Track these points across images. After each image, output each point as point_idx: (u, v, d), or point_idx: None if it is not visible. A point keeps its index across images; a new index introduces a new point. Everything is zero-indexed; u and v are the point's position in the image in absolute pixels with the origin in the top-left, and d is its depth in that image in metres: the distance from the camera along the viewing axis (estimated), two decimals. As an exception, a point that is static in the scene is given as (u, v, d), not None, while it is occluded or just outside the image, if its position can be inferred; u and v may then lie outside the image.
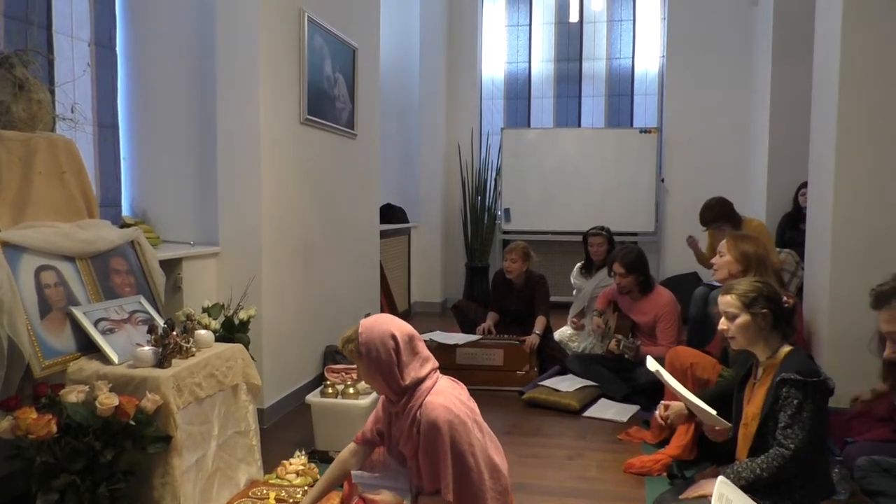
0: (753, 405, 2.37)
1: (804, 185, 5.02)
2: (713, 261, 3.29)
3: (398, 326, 2.18)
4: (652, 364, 2.70)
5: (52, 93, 2.82)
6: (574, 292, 5.17)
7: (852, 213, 3.53)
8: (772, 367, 2.34)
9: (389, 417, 2.26)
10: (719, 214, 4.57)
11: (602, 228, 5.04)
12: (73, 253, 2.51)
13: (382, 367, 2.12)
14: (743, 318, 2.34)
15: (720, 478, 2.16)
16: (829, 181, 3.59)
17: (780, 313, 2.35)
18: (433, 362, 2.22)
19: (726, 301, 2.39)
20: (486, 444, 2.16)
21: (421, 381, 2.15)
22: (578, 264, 5.21)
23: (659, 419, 2.89)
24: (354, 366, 3.50)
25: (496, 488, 2.13)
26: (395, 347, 2.13)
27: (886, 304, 1.87)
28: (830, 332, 3.56)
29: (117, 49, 3.53)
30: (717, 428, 2.52)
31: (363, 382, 3.30)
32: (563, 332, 4.96)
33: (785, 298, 2.44)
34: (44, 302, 2.33)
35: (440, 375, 2.22)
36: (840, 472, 2.64)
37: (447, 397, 2.11)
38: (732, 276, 3.03)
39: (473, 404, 2.22)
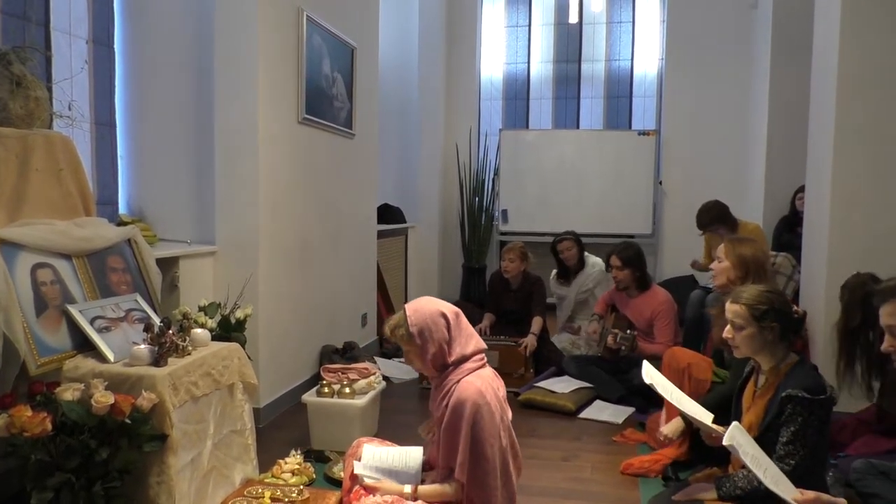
0: (753, 414, 2.34)
1: (801, 188, 5.03)
2: (711, 266, 3.26)
3: (444, 305, 2.24)
4: (647, 376, 2.69)
5: (50, 90, 2.81)
6: (556, 301, 5.16)
7: (849, 217, 3.54)
8: (775, 377, 2.30)
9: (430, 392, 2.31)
10: (715, 218, 4.58)
11: (568, 232, 5.05)
12: (69, 251, 2.50)
13: (435, 345, 2.17)
14: (750, 329, 2.27)
15: (734, 423, 2.14)
16: (826, 184, 3.60)
17: (788, 325, 2.28)
18: (477, 339, 2.25)
19: (734, 311, 2.31)
20: (507, 447, 2.17)
21: (465, 358, 2.18)
22: (554, 272, 5.19)
23: (659, 438, 2.89)
24: (350, 366, 3.52)
25: (504, 493, 2.15)
26: (446, 325, 2.18)
27: (892, 299, 1.87)
28: (826, 335, 3.56)
29: (115, 47, 3.52)
30: (713, 435, 2.52)
31: (360, 382, 3.31)
32: (561, 340, 4.94)
33: (795, 308, 2.39)
34: (40, 299, 2.33)
35: (487, 365, 2.25)
36: (834, 475, 2.65)
37: (485, 384, 2.15)
38: (732, 283, 2.96)
39: (507, 407, 2.24)
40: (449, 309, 2.23)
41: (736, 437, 2.07)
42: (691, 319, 4.50)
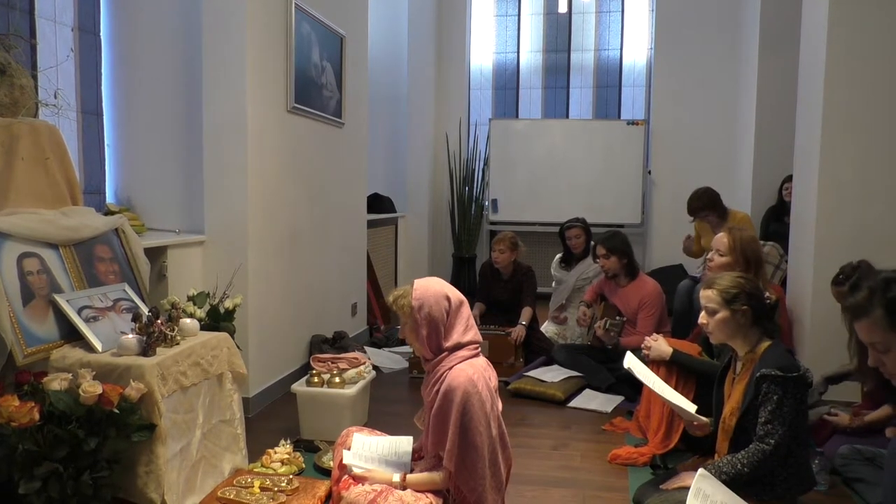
0: (733, 400, 2.39)
1: (787, 178, 5.05)
2: (710, 256, 3.24)
3: (451, 290, 2.26)
4: (628, 361, 2.71)
5: (35, 78, 2.79)
6: (554, 284, 5.17)
7: (836, 205, 3.56)
8: (750, 361, 2.36)
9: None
10: (706, 204, 4.59)
11: (577, 220, 5.02)
12: (56, 240, 2.49)
13: (431, 325, 2.18)
14: (722, 313, 2.35)
15: (700, 471, 2.16)
16: (813, 173, 3.62)
17: (760, 310, 2.36)
18: (475, 331, 2.26)
19: (707, 295, 2.40)
20: (496, 438, 2.18)
21: (460, 346, 2.20)
22: (558, 256, 5.21)
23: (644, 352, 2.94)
24: (340, 355, 3.52)
25: (492, 483, 2.16)
26: (447, 308, 2.20)
27: (864, 316, 1.83)
28: (813, 323, 3.60)
29: (101, 34, 3.49)
30: (695, 423, 2.54)
31: (350, 372, 3.31)
32: (547, 330, 4.95)
33: (767, 294, 2.44)
34: (27, 289, 2.31)
35: (480, 354, 2.27)
36: (820, 462, 2.68)
37: (477, 372, 2.16)
38: None
39: (498, 398, 2.26)
40: (454, 295, 2.25)
41: (702, 489, 2.08)
42: (679, 310, 4.52)
